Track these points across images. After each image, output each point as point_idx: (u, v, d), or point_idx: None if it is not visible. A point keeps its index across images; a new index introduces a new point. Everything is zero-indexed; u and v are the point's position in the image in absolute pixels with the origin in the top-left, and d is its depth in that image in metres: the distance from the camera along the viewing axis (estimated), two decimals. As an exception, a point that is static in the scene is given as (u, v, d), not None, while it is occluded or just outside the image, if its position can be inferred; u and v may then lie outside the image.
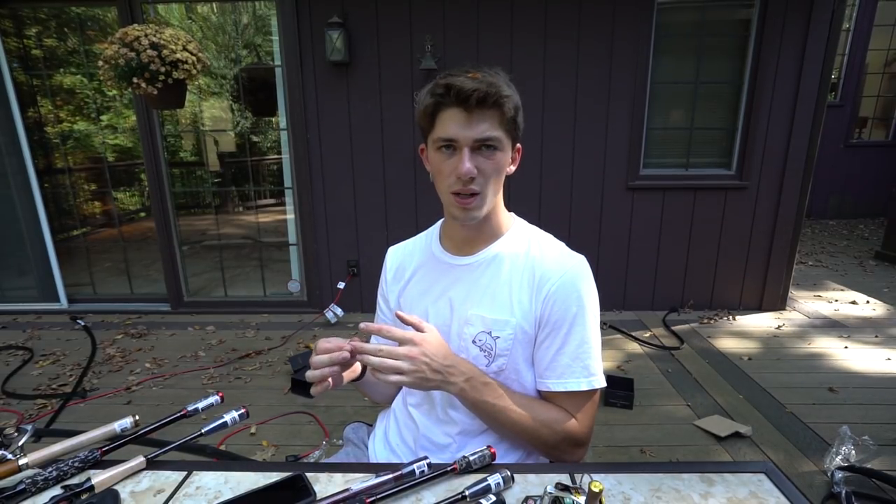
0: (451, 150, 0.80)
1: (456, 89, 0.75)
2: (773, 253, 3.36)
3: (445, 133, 0.79)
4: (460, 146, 0.79)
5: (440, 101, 0.78)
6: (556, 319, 0.83)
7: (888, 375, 2.55)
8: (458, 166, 0.79)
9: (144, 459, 0.76)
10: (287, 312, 3.53)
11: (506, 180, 0.88)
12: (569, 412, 0.84)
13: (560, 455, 0.85)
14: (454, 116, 0.78)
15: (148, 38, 2.18)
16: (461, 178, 0.79)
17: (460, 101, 0.76)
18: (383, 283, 1.03)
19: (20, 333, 3.23)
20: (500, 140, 0.80)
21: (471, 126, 0.77)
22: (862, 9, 5.98)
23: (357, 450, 1.06)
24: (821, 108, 3.09)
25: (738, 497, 0.69)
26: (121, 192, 4.15)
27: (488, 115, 0.78)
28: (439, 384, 0.78)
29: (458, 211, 0.83)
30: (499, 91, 0.76)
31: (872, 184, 6.42)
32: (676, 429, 2.14)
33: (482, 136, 0.78)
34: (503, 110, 0.78)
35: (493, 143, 0.79)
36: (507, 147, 0.82)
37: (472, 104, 0.76)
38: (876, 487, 1.71)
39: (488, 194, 0.83)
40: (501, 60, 3.09)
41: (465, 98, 0.75)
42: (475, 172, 0.79)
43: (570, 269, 0.85)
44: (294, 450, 2.00)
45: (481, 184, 0.81)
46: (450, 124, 0.78)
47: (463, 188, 0.80)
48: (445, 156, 0.81)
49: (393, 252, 1.04)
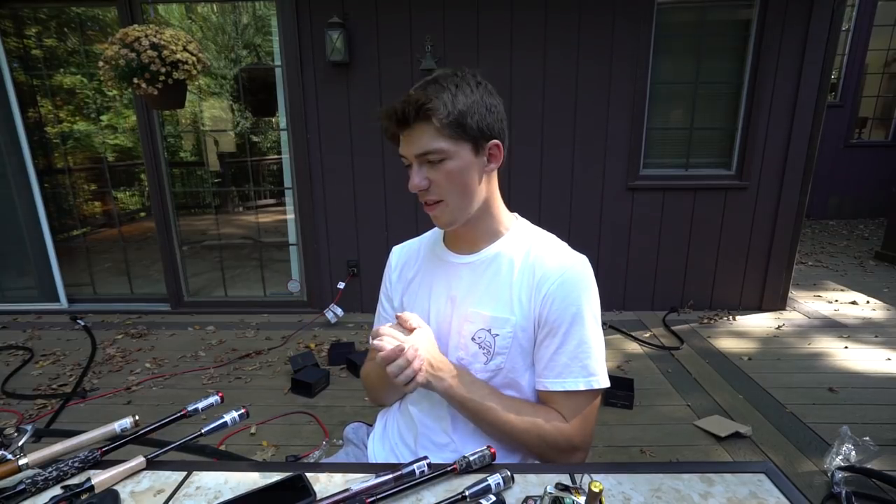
0: (410, 167, 0.85)
1: (385, 113, 0.82)
2: (773, 253, 3.36)
3: (400, 151, 0.85)
4: (410, 162, 0.84)
5: (385, 126, 0.84)
6: (554, 319, 0.83)
7: (888, 375, 2.54)
8: (410, 181, 0.84)
9: (144, 459, 0.76)
10: (287, 312, 3.53)
11: (505, 180, 0.88)
12: (563, 415, 0.84)
13: (555, 459, 0.84)
14: (402, 136, 0.83)
15: (148, 38, 2.18)
16: (412, 191, 0.84)
17: (394, 123, 0.81)
18: (387, 281, 1.04)
19: (20, 333, 3.23)
20: (442, 150, 0.80)
21: (411, 143, 0.82)
22: (862, 9, 5.98)
23: (357, 450, 1.06)
24: (821, 108, 3.09)
25: (738, 497, 0.69)
26: (121, 192, 4.16)
27: (423, 129, 0.80)
28: (426, 380, 0.80)
29: (432, 218, 0.88)
30: (421, 105, 0.77)
31: (872, 184, 6.42)
32: (676, 429, 2.14)
33: (420, 150, 0.81)
34: (432, 121, 0.78)
35: (436, 155, 0.81)
36: (459, 153, 0.81)
37: (400, 123, 0.81)
38: (876, 487, 1.71)
39: (452, 201, 0.84)
40: (501, 60, 3.09)
41: (392, 119, 0.81)
42: (424, 185, 0.83)
43: (570, 269, 0.85)
44: (294, 450, 2.00)
45: (439, 192, 0.84)
46: (401, 144, 0.84)
47: (421, 199, 0.86)
48: (409, 171, 0.85)
49: (397, 251, 1.05)
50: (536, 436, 0.82)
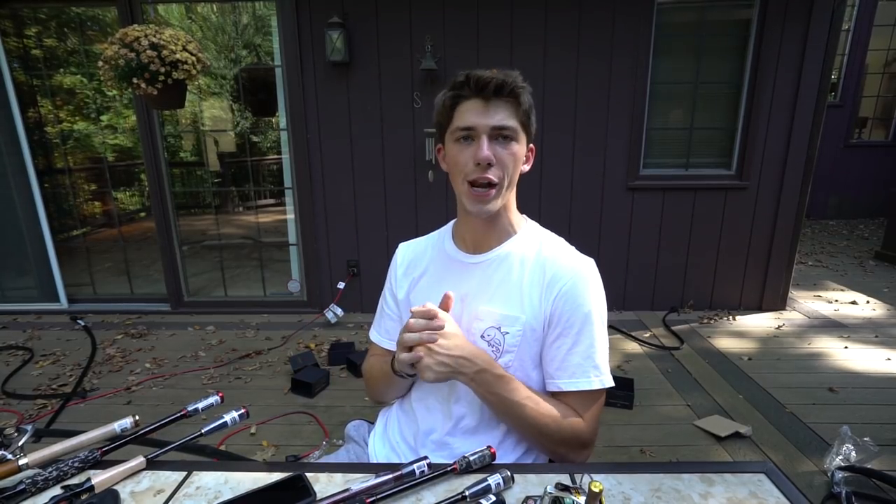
0: (469, 141, 0.83)
1: (475, 79, 0.80)
2: (773, 253, 3.36)
3: (464, 122, 0.82)
4: (478, 134, 0.81)
5: (459, 94, 0.82)
6: (567, 319, 0.84)
7: (888, 375, 2.54)
8: (476, 153, 0.81)
9: (144, 459, 0.76)
10: (287, 312, 3.53)
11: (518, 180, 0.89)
12: (577, 412, 0.85)
13: (565, 454, 0.85)
14: (472, 106, 0.81)
15: (148, 38, 2.18)
16: (480, 163, 0.81)
17: (478, 90, 0.80)
18: (392, 278, 1.03)
19: (20, 333, 3.23)
20: (516, 130, 0.82)
21: (488, 114, 0.81)
22: (862, 9, 5.98)
23: (358, 447, 1.06)
24: (821, 108, 3.09)
25: (738, 497, 0.69)
26: (121, 192, 4.15)
27: (505, 105, 0.81)
28: (449, 375, 0.80)
29: (472, 203, 0.85)
30: (515, 81, 0.81)
31: (872, 184, 6.42)
32: (676, 429, 2.14)
33: (500, 123, 0.81)
34: (520, 101, 0.81)
35: (510, 133, 0.82)
36: (522, 140, 0.85)
37: (489, 93, 0.80)
38: (876, 487, 1.71)
39: (504, 186, 0.85)
40: (501, 60, 3.09)
41: (482, 87, 0.79)
42: (493, 159, 0.81)
43: (582, 270, 0.86)
44: (294, 450, 2.00)
45: (498, 174, 0.83)
46: (468, 114, 0.82)
47: (481, 175, 0.82)
48: (464, 146, 0.83)
49: (404, 248, 1.05)
50: (556, 431, 0.82)
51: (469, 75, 0.80)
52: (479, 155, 0.80)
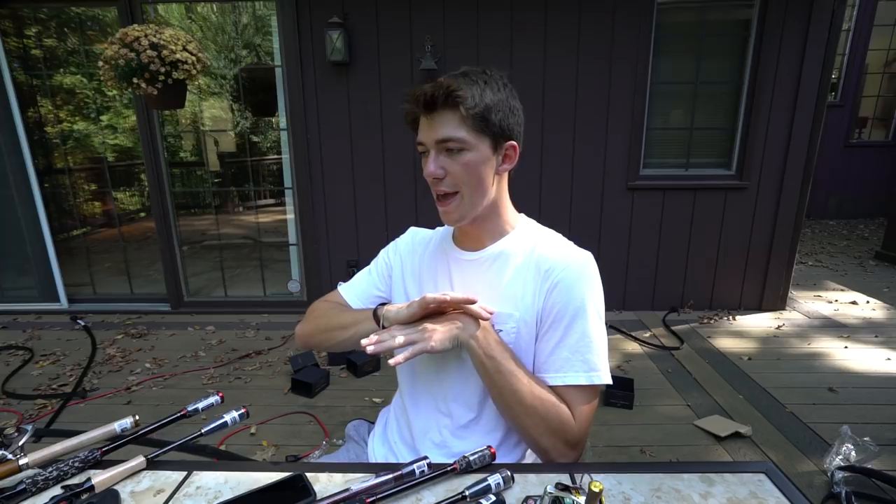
0: (427, 155, 0.84)
1: (413, 96, 0.81)
2: (773, 253, 3.36)
3: (418, 138, 0.85)
4: (427, 149, 0.83)
5: (409, 110, 0.84)
6: (557, 311, 0.83)
7: (888, 375, 2.55)
8: (425, 169, 0.83)
9: (144, 459, 0.76)
10: (287, 312, 3.53)
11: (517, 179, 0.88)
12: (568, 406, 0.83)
13: (550, 448, 0.81)
14: (423, 121, 0.83)
15: (148, 38, 2.17)
16: (427, 178, 0.84)
17: (420, 106, 0.81)
18: (393, 250, 1.04)
19: (20, 333, 3.23)
20: (463, 140, 0.80)
21: (433, 128, 0.81)
22: (862, 9, 5.98)
23: (358, 447, 1.07)
24: (821, 108, 3.09)
25: (738, 497, 0.69)
26: (121, 192, 4.15)
27: (448, 117, 0.80)
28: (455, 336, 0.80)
29: (441, 214, 0.87)
30: (451, 91, 0.77)
31: (872, 184, 6.42)
32: (676, 429, 2.14)
33: (442, 136, 0.80)
34: (459, 110, 0.79)
35: (454, 145, 0.81)
36: (478, 146, 0.82)
37: (426, 107, 0.80)
38: (876, 487, 1.71)
39: (466, 194, 0.84)
40: (501, 60, 3.09)
41: (419, 103, 0.80)
42: (440, 173, 0.82)
43: (574, 263, 0.85)
44: (294, 450, 2.00)
45: (452, 184, 0.83)
46: (420, 130, 0.84)
47: (435, 189, 0.85)
48: (425, 160, 0.84)
49: (414, 232, 1.06)
50: (543, 413, 0.80)
51: (409, 93, 0.81)
52: (426, 171, 0.83)
